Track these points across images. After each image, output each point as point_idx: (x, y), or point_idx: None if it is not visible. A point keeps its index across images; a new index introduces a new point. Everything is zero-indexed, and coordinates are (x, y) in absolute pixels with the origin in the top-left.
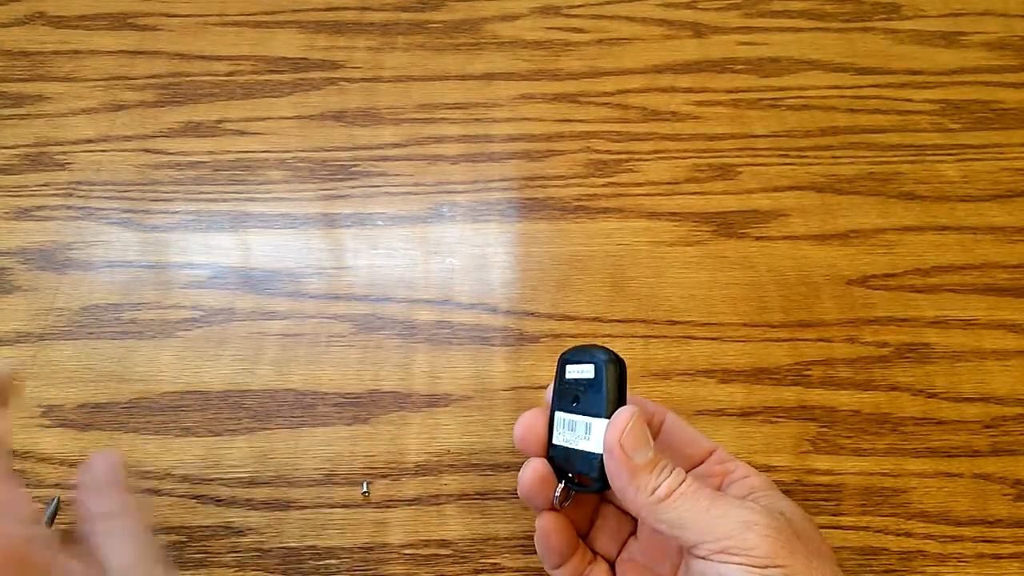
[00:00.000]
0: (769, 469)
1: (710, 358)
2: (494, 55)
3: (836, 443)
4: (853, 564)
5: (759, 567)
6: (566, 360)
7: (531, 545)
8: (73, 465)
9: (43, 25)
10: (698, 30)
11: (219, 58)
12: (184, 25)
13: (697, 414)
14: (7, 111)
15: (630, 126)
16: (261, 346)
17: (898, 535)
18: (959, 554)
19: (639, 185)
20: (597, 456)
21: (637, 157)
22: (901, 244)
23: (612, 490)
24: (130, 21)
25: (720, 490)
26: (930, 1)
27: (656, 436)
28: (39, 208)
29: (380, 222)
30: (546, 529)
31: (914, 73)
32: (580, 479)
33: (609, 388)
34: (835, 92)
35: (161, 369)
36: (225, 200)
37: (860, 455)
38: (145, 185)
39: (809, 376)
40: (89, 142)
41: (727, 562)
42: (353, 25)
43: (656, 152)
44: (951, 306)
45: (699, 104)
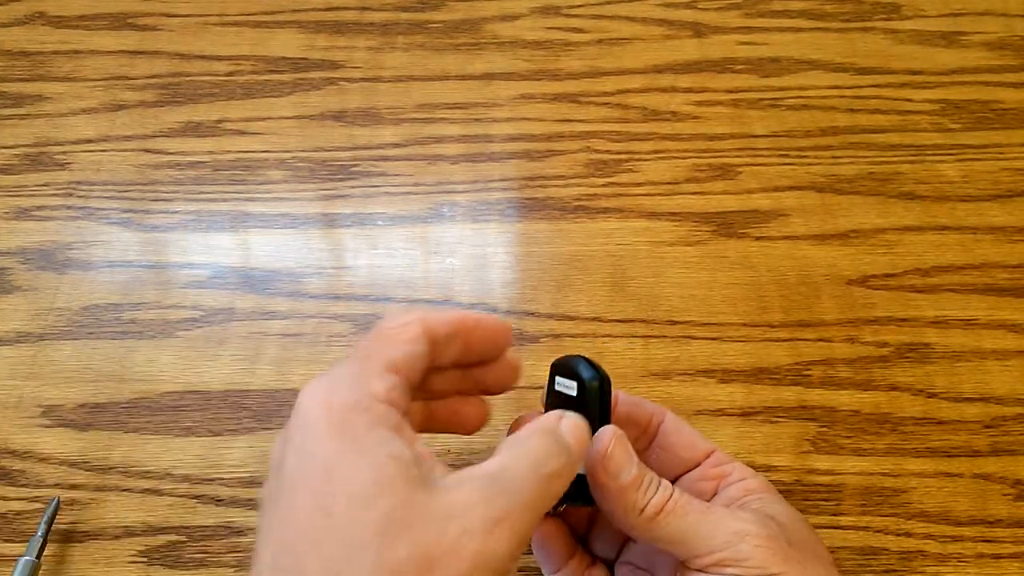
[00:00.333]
0: (769, 469)
1: (710, 358)
2: (494, 55)
3: (836, 443)
4: (853, 564)
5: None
6: (555, 371)
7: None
8: (73, 465)
9: (43, 25)
10: (698, 30)
11: (219, 58)
12: (184, 25)
13: (697, 414)
14: (7, 111)
15: (630, 126)
16: (261, 346)
17: (898, 535)
18: (959, 554)
19: (639, 185)
20: (580, 476)
21: (637, 157)
22: (901, 244)
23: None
24: (130, 21)
25: (716, 493)
26: (930, 1)
27: (653, 439)
28: (39, 208)
29: (380, 222)
30: (542, 534)
31: (914, 73)
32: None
33: (591, 409)
34: (835, 92)
35: (161, 369)
36: (225, 200)
37: (860, 455)
38: (145, 185)
39: (809, 376)
40: (89, 142)
41: (721, 574)
42: (353, 25)
43: (656, 152)
44: (951, 306)
45: (699, 104)
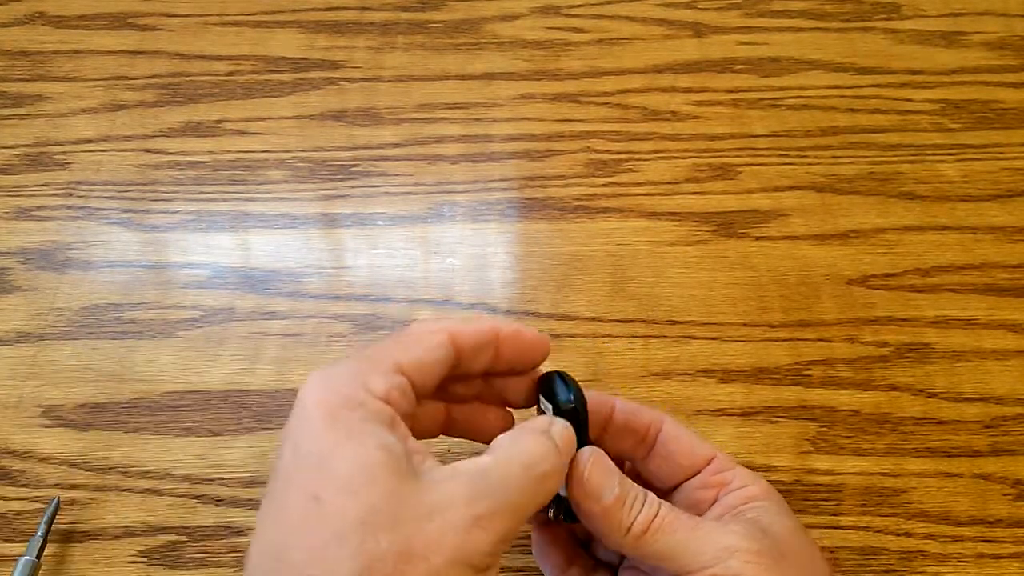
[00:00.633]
0: (769, 469)
1: (710, 358)
2: (494, 55)
3: (836, 443)
4: (853, 564)
5: None
6: (540, 387)
7: (531, 545)
8: (73, 465)
9: (43, 25)
10: (698, 30)
11: (219, 58)
12: (184, 25)
13: (697, 414)
14: (7, 111)
15: (630, 126)
16: (261, 346)
17: (898, 535)
18: (959, 554)
19: (639, 185)
20: (562, 497)
21: (637, 157)
22: (901, 244)
23: None
24: (130, 21)
25: (717, 501)
26: (930, 1)
27: (652, 447)
28: (39, 208)
29: (380, 222)
30: (542, 542)
31: (914, 73)
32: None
33: None
34: (835, 92)
35: (161, 369)
36: (225, 200)
37: (860, 455)
38: (145, 185)
39: (809, 376)
40: (89, 142)
41: None
42: (353, 25)
43: (656, 152)
44: (951, 306)
45: (699, 104)
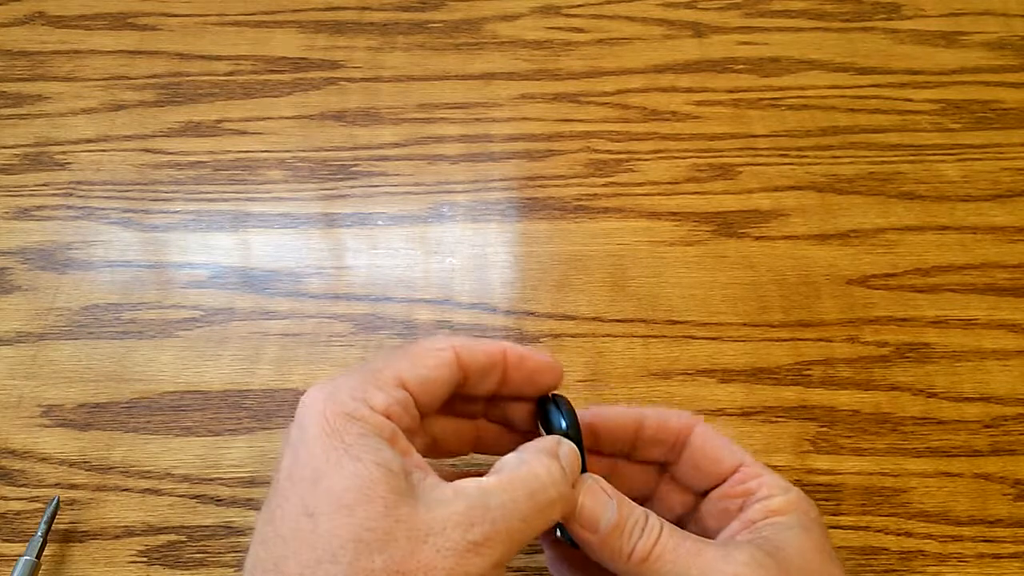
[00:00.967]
0: None
1: (710, 358)
2: (494, 55)
3: (836, 443)
4: (853, 564)
5: None
6: (537, 412)
7: (531, 545)
8: (73, 465)
9: (43, 25)
10: (698, 30)
11: (219, 58)
12: (184, 25)
13: (697, 414)
14: (7, 111)
15: (630, 126)
16: (261, 346)
17: (898, 535)
18: (959, 554)
19: (639, 185)
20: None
21: (637, 157)
22: (901, 244)
23: None
24: (130, 21)
25: (742, 510)
26: (930, 1)
27: (681, 454)
28: (39, 208)
29: (380, 222)
30: (555, 558)
31: (914, 73)
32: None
33: None
34: (835, 92)
35: (161, 369)
36: (225, 200)
37: (860, 455)
38: (145, 185)
39: (809, 376)
40: (89, 142)
41: None
42: (353, 25)
43: (656, 152)
44: (951, 306)
45: (699, 104)
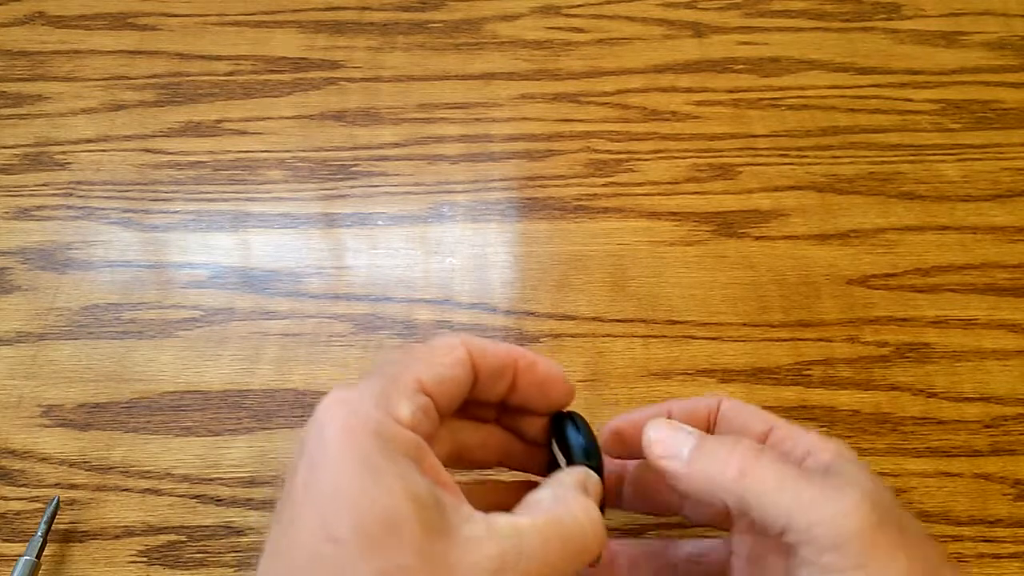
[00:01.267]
0: None
1: (710, 358)
2: (494, 55)
3: None
4: None
5: (855, 569)
6: (552, 429)
7: None
8: (73, 465)
9: (43, 25)
10: (698, 30)
11: (219, 58)
12: (184, 25)
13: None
14: (7, 111)
15: (630, 126)
16: (261, 346)
17: None
18: (959, 554)
19: (639, 185)
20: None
21: (637, 157)
22: (901, 244)
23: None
24: (130, 21)
25: None
26: (930, 1)
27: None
28: (39, 208)
29: (380, 222)
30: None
31: (914, 73)
32: None
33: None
34: (835, 92)
35: (161, 369)
36: (225, 200)
37: (860, 455)
38: (145, 185)
39: (809, 376)
40: (89, 142)
41: (818, 562)
42: (353, 25)
43: (656, 152)
44: (951, 306)
45: (699, 104)
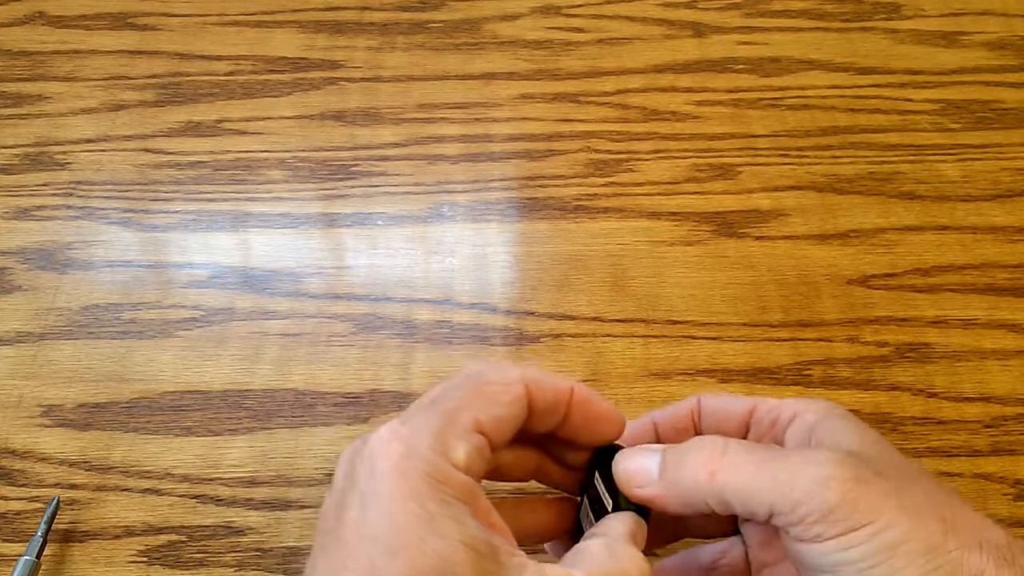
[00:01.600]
0: None
1: (710, 358)
2: (494, 55)
3: None
4: None
5: (845, 533)
6: (596, 461)
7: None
8: (73, 465)
9: (43, 25)
10: (698, 30)
11: (219, 58)
12: (184, 25)
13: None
14: (7, 111)
15: (630, 126)
16: (261, 346)
17: None
18: None
19: (639, 185)
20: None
21: (637, 157)
22: (901, 244)
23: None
24: (130, 21)
25: (780, 444)
26: (930, 1)
27: (698, 431)
28: (39, 208)
29: (380, 222)
30: None
31: (914, 73)
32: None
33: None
34: (835, 92)
35: (161, 369)
36: (225, 200)
37: None
38: (145, 185)
39: (809, 376)
40: (89, 142)
41: (808, 533)
42: (353, 25)
43: (656, 152)
44: (951, 306)
45: (699, 104)
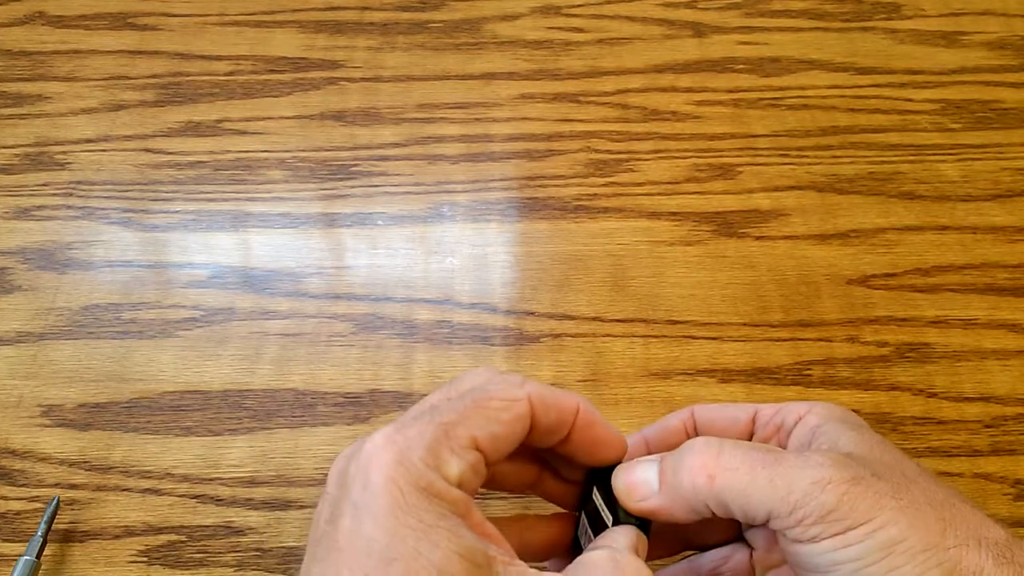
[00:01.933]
0: None
1: (710, 358)
2: (494, 55)
3: None
4: None
5: (842, 532)
6: (596, 480)
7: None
8: (73, 465)
9: (43, 25)
10: (698, 30)
11: (219, 58)
12: (184, 25)
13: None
14: (7, 111)
15: (630, 126)
16: (261, 346)
17: None
18: None
19: (639, 185)
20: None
21: (637, 157)
22: (901, 244)
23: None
24: (130, 21)
25: (785, 448)
26: (930, 1)
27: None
28: (39, 208)
29: (380, 222)
30: None
31: (914, 73)
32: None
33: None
34: (835, 92)
35: (161, 369)
36: (225, 200)
37: None
38: (145, 185)
39: (809, 376)
40: (89, 142)
41: (805, 535)
42: (353, 25)
43: (656, 152)
44: (951, 306)
45: (699, 104)
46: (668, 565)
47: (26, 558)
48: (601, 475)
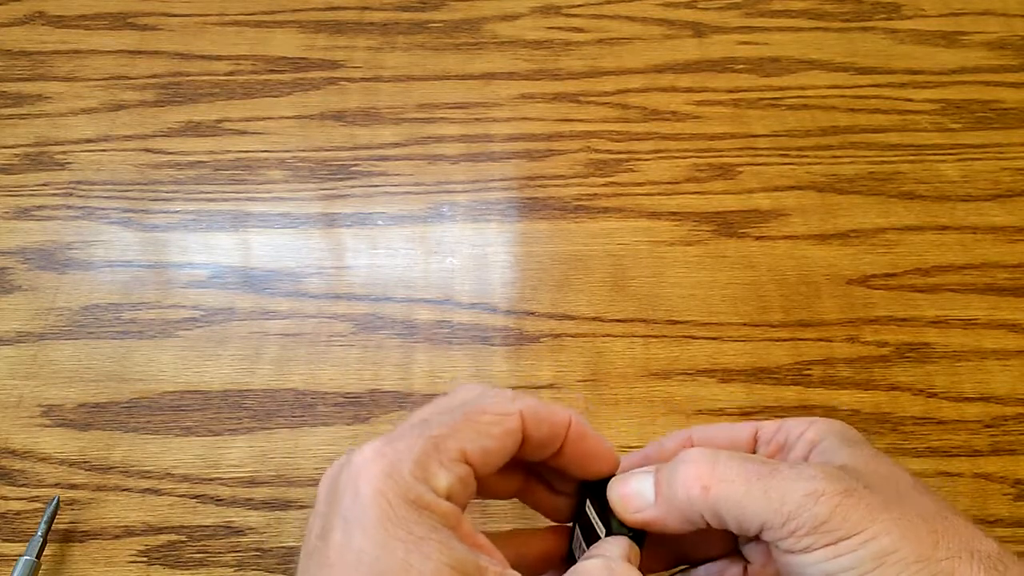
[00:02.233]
0: None
1: (710, 358)
2: (494, 55)
3: None
4: None
5: (835, 543)
6: (589, 491)
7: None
8: (73, 465)
9: (43, 25)
10: (698, 30)
11: (219, 58)
12: (184, 25)
13: (697, 414)
14: (7, 111)
15: (630, 126)
16: (261, 346)
17: None
18: None
19: (639, 185)
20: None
21: (637, 157)
22: (901, 244)
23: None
24: (130, 21)
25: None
26: (930, 1)
27: None
28: (39, 208)
29: (380, 222)
30: None
31: (914, 73)
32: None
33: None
34: (835, 92)
35: (161, 369)
36: (225, 200)
37: None
38: (145, 185)
39: (809, 376)
40: (89, 142)
41: (798, 546)
42: (353, 25)
43: (656, 152)
44: (951, 306)
45: (699, 104)
46: None
47: (26, 558)
48: (594, 488)
